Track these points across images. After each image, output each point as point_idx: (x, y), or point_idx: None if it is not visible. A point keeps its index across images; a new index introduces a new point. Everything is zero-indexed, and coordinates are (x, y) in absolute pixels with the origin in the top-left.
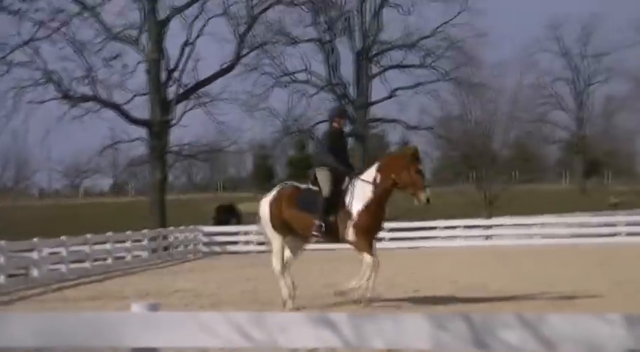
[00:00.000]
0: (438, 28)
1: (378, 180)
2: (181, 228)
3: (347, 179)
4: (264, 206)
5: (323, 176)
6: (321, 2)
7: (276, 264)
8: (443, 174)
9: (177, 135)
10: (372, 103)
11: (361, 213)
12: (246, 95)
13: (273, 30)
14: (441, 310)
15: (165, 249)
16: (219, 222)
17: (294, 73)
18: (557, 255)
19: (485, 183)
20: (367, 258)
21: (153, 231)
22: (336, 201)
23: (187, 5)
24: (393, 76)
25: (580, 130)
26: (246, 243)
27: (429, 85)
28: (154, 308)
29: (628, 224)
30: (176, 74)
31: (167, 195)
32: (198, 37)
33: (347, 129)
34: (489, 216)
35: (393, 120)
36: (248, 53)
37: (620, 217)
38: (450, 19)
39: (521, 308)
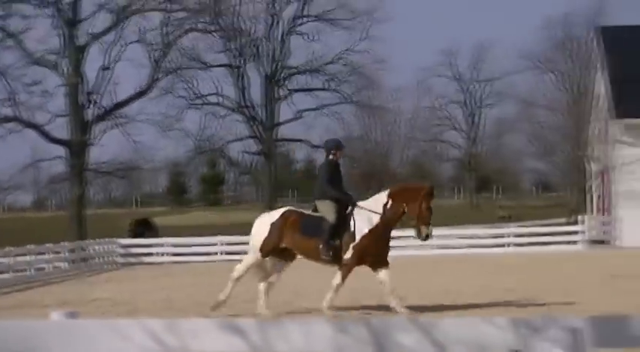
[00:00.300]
0: (340, 54)
1: (388, 206)
2: (99, 240)
3: (349, 207)
4: (264, 225)
5: (326, 206)
6: (231, 30)
7: (239, 270)
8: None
9: (96, 154)
10: (280, 124)
11: (364, 237)
12: (161, 116)
13: (187, 56)
14: (344, 316)
15: (84, 260)
16: (135, 234)
17: (206, 95)
18: (451, 264)
19: None
20: (336, 279)
21: (72, 244)
22: (341, 227)
23: (105, 32)
24: (299, 98)
25: (472, 149)
26: (161, 254)
27: (333, 107)
28: (72, 316)
29: (515, 235)
30: (95, 97)
31: (86, 209)
32: (116, 62)
33: (342, 161)
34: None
35: (299, 140)
36: (163, 77)
37: (508, 229)
38: (352, 47)
39: (412, 310)
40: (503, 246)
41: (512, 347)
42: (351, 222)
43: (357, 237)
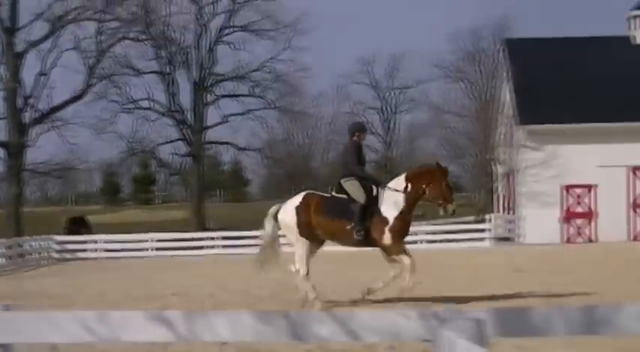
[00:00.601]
0: (265, 62)
1: (409, 189)
2: (36, 237)
3: (375, 188)
4: (290, 212)
5: (354, 185)
6: (161, 39)
7: (302, 267)
8: (269, 189)
9: (33, 155)
10: (208, 128)
11: (396, 219)
12: (95, 119)
13: (120, 63)
14: (264, 307)
15: (21, 256)
16: (70, 232)
17: (138, 100)
18: (349, 258)
19: None
20: (405, 259)
21: (9, 240)
22: (370, 209)
23: (42, 40)
24: (226, 103)
25: (387, 152)
26: (95, 250)
27: (257, 112)
28: (8, 308)
29: (427, 233)
30: (32, 100)
31: (23, 208)
32: (52, 68)
33: (364, 143)
34: None
35: (226, 143)
36: (97, 83)
37: (421, 227)
38: (276, 56)
39: (335, 306)
40: (415, 242)
41: (422, 337)
42: (381, 205)
43: (390, 219)
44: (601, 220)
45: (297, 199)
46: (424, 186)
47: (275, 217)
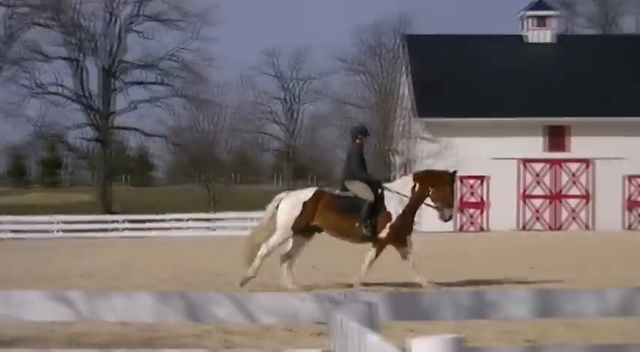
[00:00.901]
0: (173, 51)
1: (416, 189)
2: None
3: (379, 188)
4: (296, 204)
5: (360, 186)
6: (71, 25)
7: (268, 247)
8: (174, 175)
9: None
10: (115, 114)
11: (399, 218)
12: (3, 103)
13: (29, 48)
14: (164, 288)
15: None
16: None
17: (47, 85)
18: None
19: (211, 184)
20: (372, 253)
21: None
22: (378, 206)
23: None
24: (134, 90)
25: (290, 141)
26: (1, 231)
27: (165, 100)
28: None
29: None
30: None
31: None
32: None
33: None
34: (214, 211)
35: (133, 129)
36: (6, 67)
37: None
38: (184, 45)
39: (234, 287)
40: None
41: (317, 319)
42: (386, 203)
43: (393, 217)
44: (492, 210)
45: (306, 194)
46: (430, 187)
47: (278, 205)
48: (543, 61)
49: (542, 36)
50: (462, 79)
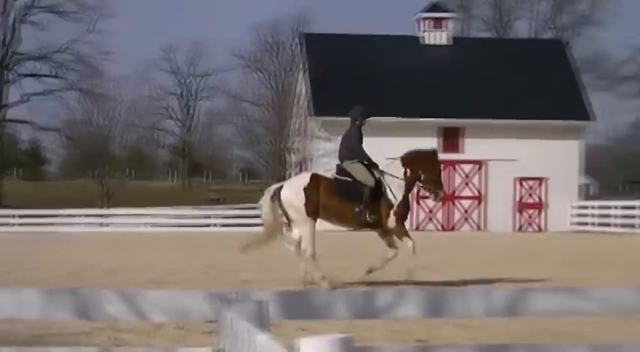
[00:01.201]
0: (68, 44)
1: (408, 174)
2: None
3: (378, 172)
4: (298, 192)
5: (359, 168)
6: None
7: (309, 247)
8: (68, 169)
9: None
10: (7, 106)
11: (400, 203)
12: None
13: None
14: (53, 284)
15: None
16: None
17: None
18: (163, 241)
19: (105, 179)
20: (408, 241)
21: None
22: (378, 191)
23: None
24: (27, 83)
25: (186, 137)
26: None
27: (59, 93)
28: None
29: (223, 217)
30: None
31: None
32: None
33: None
34: (107, 207)
35: (25, 122)
36: None
37: (215, 211)
38: (79, 38)
39: (127, 284)
40: (209, 225)
41: (208, 318)
42: (385, 188)
43: (395, 203)
44: None
45: (303, 179)
46: (420, 171)
47: (273, 197)
48: (439, 62)
49: (438, 38)
50: (359, 78)
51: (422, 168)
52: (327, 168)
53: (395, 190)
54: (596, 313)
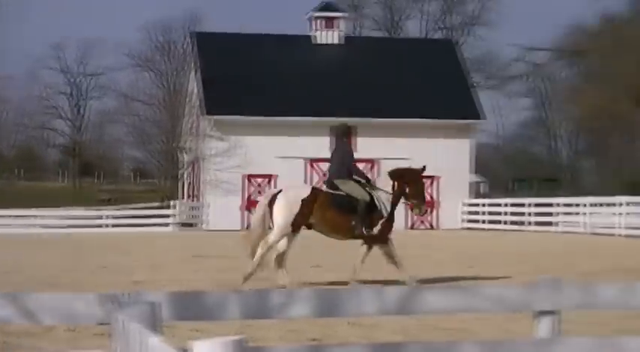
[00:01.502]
0: None
1: (395, 188)
2: None
3: (369, 188)
4: (294, 201)
5: (352, 185)
6: None
7: (275, 245)
8: None
9: None
10: None
11: (389, 216)
12: None
13: None
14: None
15: None
16: None
17: None
18: (54, 242)
19: None
20: (381, 248)
21: None
22: (372, 205)
23: None
24: None
25: (77, 137)
26: None
27: None
28: None
29: (114, 217)
30: None
31: None
32: None
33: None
34: None
35: None
36: None
37: (107, 211)
38: None
39: (19, 285)
40: (101, 226)
41: (100, 320)
42: (377, 202)
43: (385, 215)
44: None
45: (304, 191)
46: (406, 185)
47: (271, 203)
48: (331, 61)
49: (330, 37)
50: (252, 77)
51: (409, 183)
52: (218, 167)
53: (386, 203)
54: (486, 310)
